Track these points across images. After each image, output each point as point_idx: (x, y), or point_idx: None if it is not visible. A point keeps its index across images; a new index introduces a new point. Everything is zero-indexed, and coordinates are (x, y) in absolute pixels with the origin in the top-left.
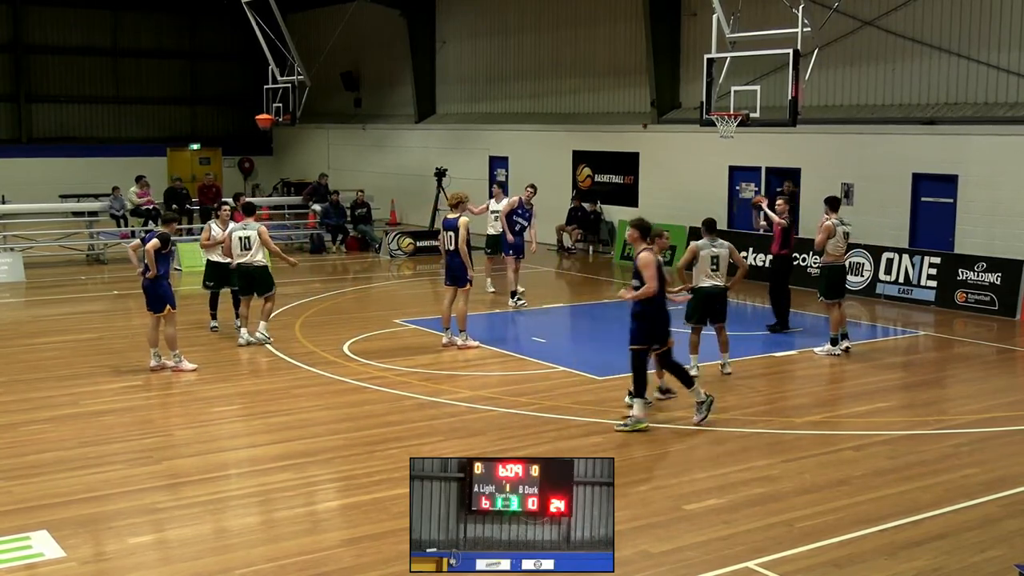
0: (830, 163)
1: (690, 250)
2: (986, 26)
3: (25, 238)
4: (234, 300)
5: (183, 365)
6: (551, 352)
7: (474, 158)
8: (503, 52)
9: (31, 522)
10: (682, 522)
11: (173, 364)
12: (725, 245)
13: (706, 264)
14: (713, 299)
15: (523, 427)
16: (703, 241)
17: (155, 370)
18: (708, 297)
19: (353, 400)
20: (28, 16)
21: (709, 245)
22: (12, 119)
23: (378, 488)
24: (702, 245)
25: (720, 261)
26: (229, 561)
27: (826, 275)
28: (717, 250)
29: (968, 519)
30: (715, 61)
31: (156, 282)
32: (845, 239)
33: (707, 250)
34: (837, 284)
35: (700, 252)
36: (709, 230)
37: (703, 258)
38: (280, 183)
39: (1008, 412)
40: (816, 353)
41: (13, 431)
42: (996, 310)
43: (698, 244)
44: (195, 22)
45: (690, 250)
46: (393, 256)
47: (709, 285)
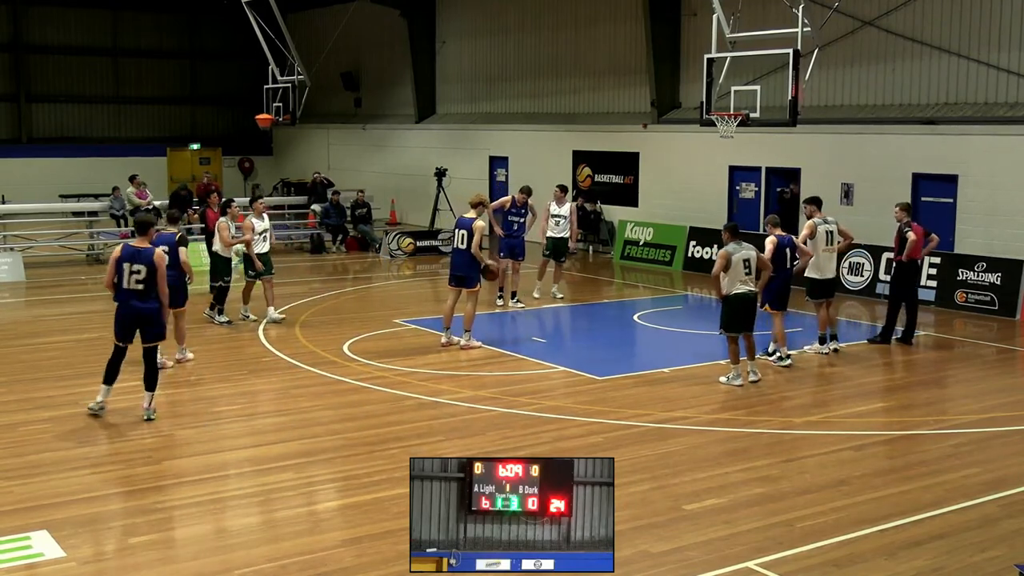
0: (830, 163)
1: (722, 256)
2: (986, 26)
3: (25, 238)
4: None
5: (187, 356)
6: (551, 352)
7: (474, 158)
8: (503, 52)
9: (31, 522)
10: (682, 522)
11: (179, 357)
12: (752, 247)
13: (739, 269)
14: (748, 304)
15: (523, 427)
16: (732, 245)
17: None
18: (743, 303)
19: (353, 400)
20: (28, 16)
21: (739, 248)
22: (12, 119)
23: (378, 488)
24: (733, 249)
25: (751, 264)
26: (229, 561)
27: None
28: (747, 253)
29: (968, 519)
30: (715, 61)
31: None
32: (827, 238)
33: (738, 254)
34: (825, 283)
35: (732, 256)
36: (734, 234)
37: (735, 263)
38: (280, 183)
39: (1008, 412)
40: (805, 351)
41: (13, 431)
42: (996, 310)
43: (728, 249)
44: (195, 22)
45: (722, 256)
46: (393, 256)
47: (744, 291)
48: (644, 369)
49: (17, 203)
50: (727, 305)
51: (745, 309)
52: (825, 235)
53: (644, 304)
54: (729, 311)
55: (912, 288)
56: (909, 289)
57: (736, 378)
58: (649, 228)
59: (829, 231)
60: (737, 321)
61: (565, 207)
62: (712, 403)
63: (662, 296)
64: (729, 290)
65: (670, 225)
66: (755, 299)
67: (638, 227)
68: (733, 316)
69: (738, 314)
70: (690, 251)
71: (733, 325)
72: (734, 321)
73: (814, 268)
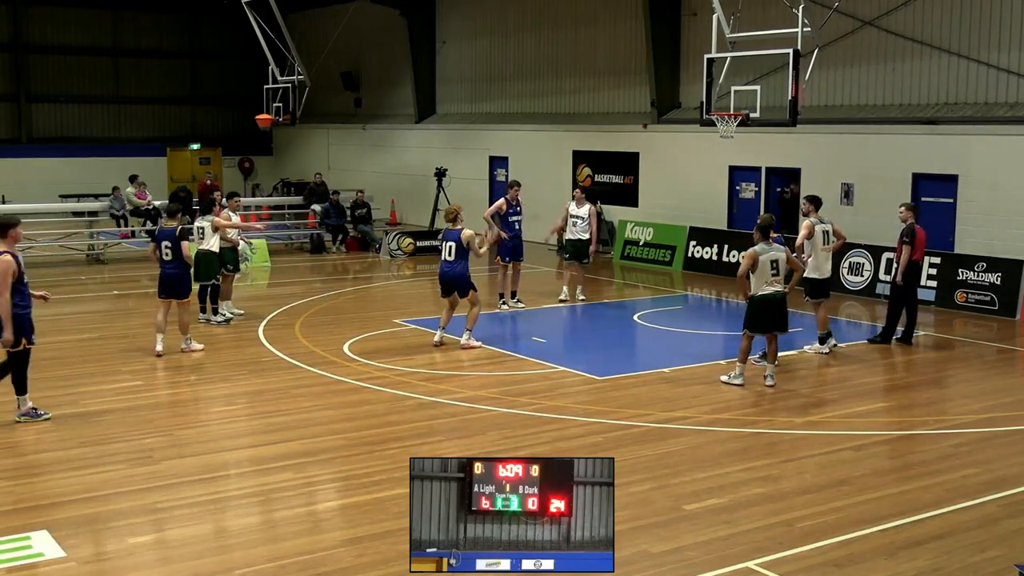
0: (830, 163)
1: (749, 256)
2: (986, 26)
3: (25, 238)
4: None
5: (193, 346)
6: (551, 352)
7: (474, 158)
8: (503, 52)
9: (31, 522)
10: (682, 522)
11: (184, 347)
12: (782, 248)
13: (766, 269)
14: (775, 306)
15: (523, 427)
16: (760, 246)
17: (160, 356)
18: (770, 304)
19: (353, 400)
20: (28, 16)
21: (768, 249)
22: (12, 119)
23: (378, 488)
24: (761, 250)
25: (780, 265)
26: (229, 561)
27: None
28: (776, 254)
29: (968, 519)
30: (715, 61)
31: (181, 270)
32: (824, 238)
33: (766, 255)
34: (823, 283)
35: (760, 257)
36: (764, 234)
37: (763, 263)
38: (280, 183)
39: (1008, 412)
40: (806, 351)
41: (13, 431)
42: (996, 310)
43: (756, 249)
44: (195, 22)
45: (749, 256)
46: (393, 256)
47: (771, 292)
48: (644, 369)
49: (17, 203)
50: (752, 305)
51: (770, 310)
52: (822, 235)
53: (644, 304)
54: (753, 311)
55: (915, 288)
56: (912, 289)
57: (737, 377)
58: (649, 228)
59: (825, 231)
60: (760, 321)
61: (584, 208)
62: (712, 403)
63: (662, 296)
64: (756, 291)
65: (670, 225)
66: (783, 300)
67: (638, 227)
68: (756, 316)
69: (761, 314)
70: (690, 251)
71: (756, 325)
72: (757, 321)
73: (813, 268)
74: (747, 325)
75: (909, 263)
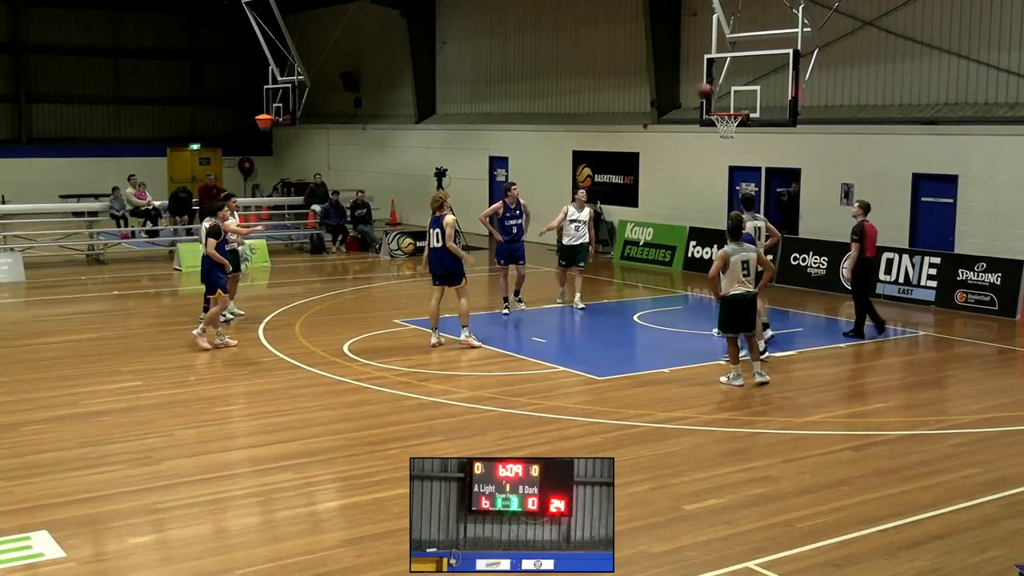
0: (830, 163)
1: (720, 257)
2: (986, 26)
3: (25, 238)
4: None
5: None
6: (551, 352)
7: (474, 158)
8: (503, 52)
9: (31, 522)
10: (682, 522)
11: (219, 342)
12: (753, 249)
13: (737, 270)
14: (745, 306)
15: (523, 427)
16: (731, 246)
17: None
18: (740, 304)
19: (353, 400)
20: (28, 16)
21: (739, 250)
22: (12, 119)
23: (378, 488)
24: (732, 250)
25: (750, 265)
26: (229, 561)
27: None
28: (747, 254)
29: (968, 519)
30: (715, 61)
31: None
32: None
33: (737, 255)
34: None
35: (731, 258)
36: (735, 235)
37: (734, 264)
38: (280, 183)
39: (1008, 412)
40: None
41: (13, 431)
42: (996, 310)
43: (727, 250)
44: (195, 22)
45: (720, 257)
46: (393, 256)
47: (741, 292)
48: (644, 369)
49: (17, 203)
50: (724, 306)
51: (742, 310)
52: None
53: (644, 304)
54: (726, 312)
55: (866, 284)
56: (864, 285)
57: (736, 378)
58: (649, 228)
59: (757, 227)
60: (734, 322)
61: (585, 212)
62: (712, 403)
63: (662, 296)
64: (727, 291)
65: (670, 225)
66: (753, 300)
67: (638, 227)
68: (729, 317)
69: (735, 315)
70: (690, 251)
71: (730, 326)
72: (731, 322)
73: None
74: (721, 326)
75: (860, 260)
